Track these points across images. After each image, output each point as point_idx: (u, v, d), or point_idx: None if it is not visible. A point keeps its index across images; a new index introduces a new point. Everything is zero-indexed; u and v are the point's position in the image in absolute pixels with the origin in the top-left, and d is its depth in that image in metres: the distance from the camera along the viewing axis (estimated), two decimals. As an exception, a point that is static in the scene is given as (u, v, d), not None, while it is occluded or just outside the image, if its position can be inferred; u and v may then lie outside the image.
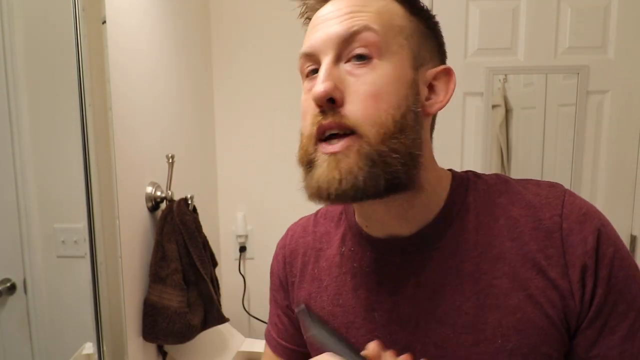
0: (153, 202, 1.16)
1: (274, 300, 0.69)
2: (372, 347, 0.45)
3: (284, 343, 0.67)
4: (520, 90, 1.70)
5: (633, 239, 1.60)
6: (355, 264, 0.57)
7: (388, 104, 0.46)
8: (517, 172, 1.70)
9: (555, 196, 0.51)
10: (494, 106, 1.63)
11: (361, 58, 0.47)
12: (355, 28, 0.47)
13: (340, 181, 0.45)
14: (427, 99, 0.51)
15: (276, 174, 1.68)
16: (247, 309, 1.71)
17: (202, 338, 1.21)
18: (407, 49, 0.49)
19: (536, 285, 0.48)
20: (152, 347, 1.17)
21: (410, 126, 0.48)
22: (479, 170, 0.57)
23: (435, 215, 0.53)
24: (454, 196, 0.54)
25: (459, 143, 1.59)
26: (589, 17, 1.54)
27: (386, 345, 0.47)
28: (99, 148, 0.89)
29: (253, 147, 1.69)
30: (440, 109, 0.52)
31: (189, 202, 1.21)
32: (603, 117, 1.58)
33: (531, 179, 0.56)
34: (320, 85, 0.46)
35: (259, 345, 1.41)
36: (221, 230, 1.73)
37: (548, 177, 1.69)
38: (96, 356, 0.89)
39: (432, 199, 0.53)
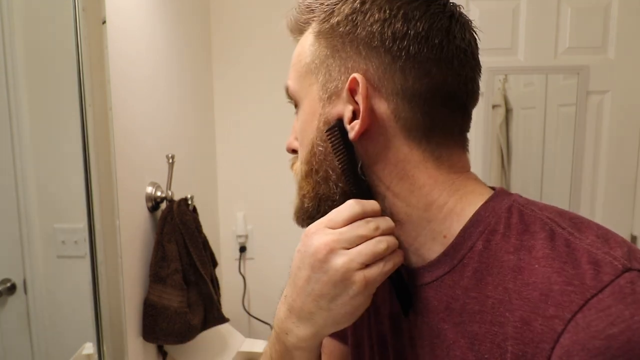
0: (153, 202, 1.16)
1: None
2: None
3: None
4: (520, 90, 1.70)
5: (633, 239, 1.61)
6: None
7: (304, 147, 0.48)
8: (517, 172, 1.70)
9: (573, 297, 0.33)
10: (494, 106, 1.63)
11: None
12: (285, 87, 0.51)
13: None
14: (351, 121, 0.44)
15: (276, 173, 1.68)
16: (247, 309, 1.71)
17: (202, 338, 1.21)
18: (316, 83, 0.46)
19: None
20: (152, 347, 1.17)
21: (318, 162, 0.46)
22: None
23: (438, 255, 0.44)
24: (462, 236, 0.42)
25: (459, 143, 1.59)
26: (589, 17, 1.54)
27: None
28: (99, 148, 0.89)
29: (253, 147, 1.69)
30: (361, 131, 0.42)
31: (189, 202, 1.21)
32: (603, 117, 1.58)
33: (593, 228, 0.38)
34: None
35: (259, 345, 1.41)
36: (221, 230, 1.73)
37: (548, 177, 1.69)
38: (96, 356, 0.89)
39: (425, 233, 0.44)
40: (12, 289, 0.77)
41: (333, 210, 0.42)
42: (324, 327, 0.43)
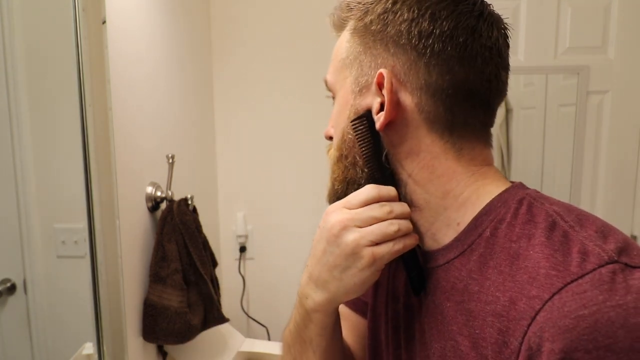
0: (153, 202, 1.16)
1: None
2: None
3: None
4: (520, 90, 1.70)
5: (633, 239, 1.61)
6: None
7: (337, 135, 0.52)
8: (517, 171, 1.70)
9: (554, 280, 0.35)
10: (494, 106, 1.62)
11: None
12: (325, 80, 0.54)
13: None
14: (378, 112, 0.47)
15: (276, 173, 1.68)
16: (245, 310, 1.71)
17: (202, 338, 1.21)
18: (350, 76, 0.50)
19: None
20: (152, 347, 1.17)
21: (347, 149, 0.50)
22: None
23: (451, 240, 0.47)
24: (474, 223, 0.45)
25: (459, 143, 1.59)
26: (589, 17, 1.54)
27: None
28: (99, 148, 0.89)
29: (253, 147, 1.69)
30: (385, 122, 0.46)
31: (189, 202, 1.21)
32: (603, 117, 1.58)
33: (596, 224, 0.39)
34: None
35: (258, 345, 1.41)
36: (221, 230, 1.73)
37: (548, 177, 1.69)
38: (96, 356, 0.89)
39: (441, 219, 0.47)
40: (12, 289, 0.77)
41: (352, 193, 0.47)
42: (337, 294, 0.47)
